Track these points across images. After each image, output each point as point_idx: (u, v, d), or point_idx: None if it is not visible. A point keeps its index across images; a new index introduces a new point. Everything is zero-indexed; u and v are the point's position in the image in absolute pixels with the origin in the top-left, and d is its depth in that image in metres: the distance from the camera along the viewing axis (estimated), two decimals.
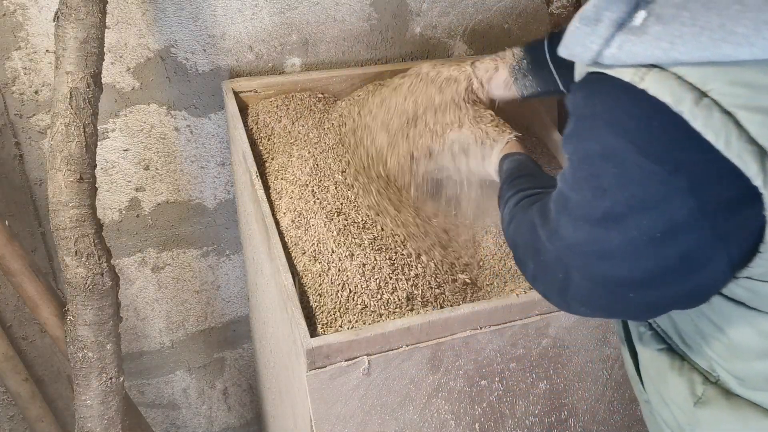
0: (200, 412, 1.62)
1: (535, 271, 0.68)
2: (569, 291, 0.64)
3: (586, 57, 0.54)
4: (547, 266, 0.65)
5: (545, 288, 0.68)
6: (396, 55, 1.32)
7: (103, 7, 0.93)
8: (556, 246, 0.63)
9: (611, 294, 0.61)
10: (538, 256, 0.66)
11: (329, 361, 0.84)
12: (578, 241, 0.60)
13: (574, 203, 0.59)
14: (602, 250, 0.58)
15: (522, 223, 0.73)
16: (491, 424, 0.95)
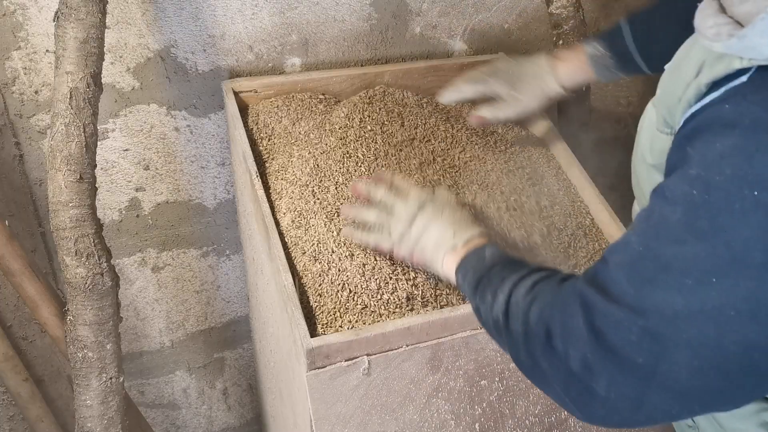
0: (200, 412, 1.62)
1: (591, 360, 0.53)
2: (655, 379, 0.50)
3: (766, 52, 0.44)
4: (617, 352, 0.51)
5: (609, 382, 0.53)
6: (396, 55, 1.32)
7: (103, 7, 0.92)
8: (644, 323, 0.49)
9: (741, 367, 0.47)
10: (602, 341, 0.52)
11: (329, 361, 0.84)
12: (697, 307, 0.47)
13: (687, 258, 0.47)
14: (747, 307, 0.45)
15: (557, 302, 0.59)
16: (491, 424, 0.95)
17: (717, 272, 0.46)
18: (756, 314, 0.45)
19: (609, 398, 0.53)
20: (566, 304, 0.58)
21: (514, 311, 0.65)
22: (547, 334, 0.59)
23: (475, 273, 0.75)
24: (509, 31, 1.39)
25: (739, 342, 0.46)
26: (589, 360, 0.54)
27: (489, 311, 0.70)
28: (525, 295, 0.65)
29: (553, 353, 0.58)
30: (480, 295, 0.73)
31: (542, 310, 0.61)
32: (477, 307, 0.74)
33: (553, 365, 0.58)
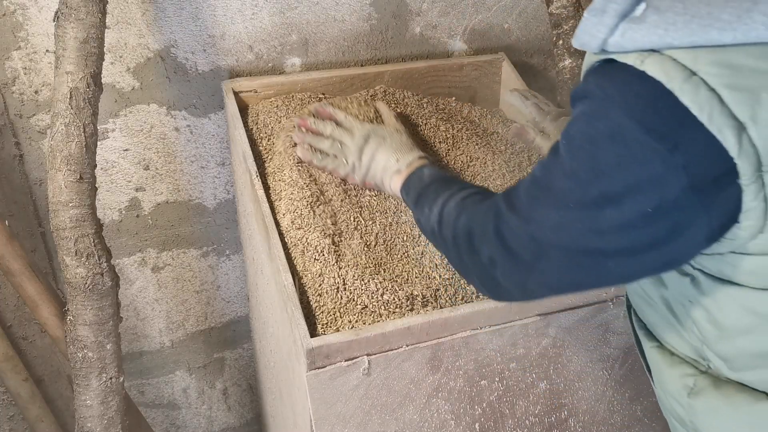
0: (200, 412, 1.62)
1: (494, 255, 0.71)
2: (534, 272, 0.67)
3: (593, 45, 0.60)
4: (512, 250, 0.68)
5: (503, 271, 0.70)
6: (396, 55, 1.32)
7: (103, 7, 0.93)
8: (528, 230, 0.66)
9: (591, 267, 0.65)
10: (503, 241, 0.69)
11: (329, 361, 0.84)
12: (562, 223, 0.63)
13: (560, 190, 0.63)
14: (593, 228, 0.62)
15: (478, 213, 0.76)
16: (491, 424, 0.95)
17: (573, 200, 0.62)
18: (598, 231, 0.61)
19: (504, 283, 0.72)
20: (485, 213, 0.74)
21: (445, 220, 0.81)
22: (469, 235, 0.75)
23: (415, 190, 0.90)
24: (509, 31, 1.39)
25: (584, 247, 0.63)
26: (493, 255, 0.71)
27: (427, 221, 0.85)
28: (455, 207, 0.81)
29: (472, 251, 0.75)
30: (419, 209, 0.88)
31: (468, 218, 0.77)
32: (418, 219, 0.89)
33: (472, 260, 0.75)
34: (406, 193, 0.92)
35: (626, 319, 0.98)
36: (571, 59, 1.21)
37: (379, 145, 0.99)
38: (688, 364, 0.73)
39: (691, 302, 0.69)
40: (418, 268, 0.97)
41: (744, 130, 0.54)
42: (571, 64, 1.21)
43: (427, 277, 0.96)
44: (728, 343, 0.67)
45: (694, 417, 0.73)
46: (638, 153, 0.57)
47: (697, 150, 0.55)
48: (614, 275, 0.65)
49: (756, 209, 0.57)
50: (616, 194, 0.59)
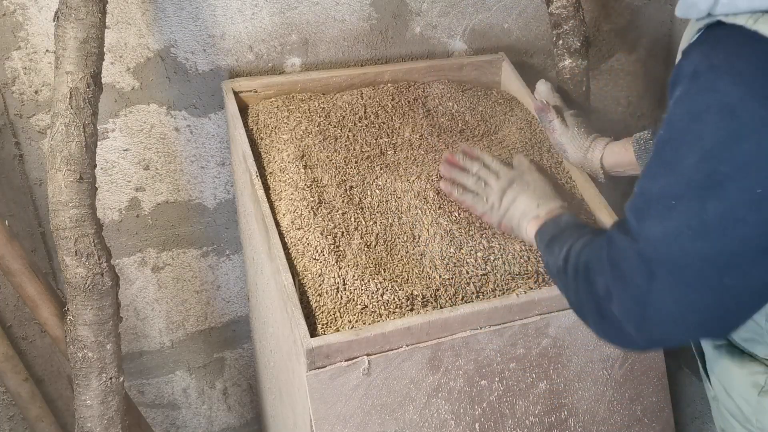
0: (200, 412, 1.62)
1: (609, 284, 0.65)
2: (650, 298, 0.60)
3: (703, 6, 0.55)
4: (623, 275, 0.62)
5: (618, 302, 0.63)
6: (396, 55, 1.32)
7: (103, 7, 0.92)
8: (637, 248, 0.60)
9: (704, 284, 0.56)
10: (614, 266, 0.64)
11: (329, 361, 0.84)
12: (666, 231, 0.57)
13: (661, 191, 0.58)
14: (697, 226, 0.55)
15: (596, 245, 0.72)
16: (491, 424, 0.95)
17: (677, 196, 0.56)
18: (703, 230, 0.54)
19: (620, 318, 0.64)
20: (601, 243, 0.70)
21: (571, 258, 0.78)
22: (586, 269, 0.72)
23: (549, 234, 0.89)
24: (509, 31, 1.39)
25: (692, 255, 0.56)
26: (609, 284, 0.65)
27: (555, 262, 0.82)
28: (582, 245, 0.78)
29: (588, 283, 0.70)
30: (550, 250, 0.85)
31: (588, 252, 0.74)
32: (547, 261, 0.86)
33: (588, 295, 0.70)
34: (540, 238, 0.90)
35: None
36: (571, 59, 1.21)
37: (522, 190, 0.99)
38: (759, 362, 0.71)
39: None
40: (418, 268, 0.97)
41: None
42: (571, 64, 1.21)
43: (427, 277, 0.96)
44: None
45: (761, 415, 0.71)
46: (749, 125, 0.51)
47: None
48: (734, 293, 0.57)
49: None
50: (724, 176, 0.53)
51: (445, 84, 1.28)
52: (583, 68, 1.21)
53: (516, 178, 1.01)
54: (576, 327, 0.97)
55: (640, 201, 0.61)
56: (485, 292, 0.96)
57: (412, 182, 1.08)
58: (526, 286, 0.97)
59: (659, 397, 1.04)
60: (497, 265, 0.99)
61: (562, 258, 0.80)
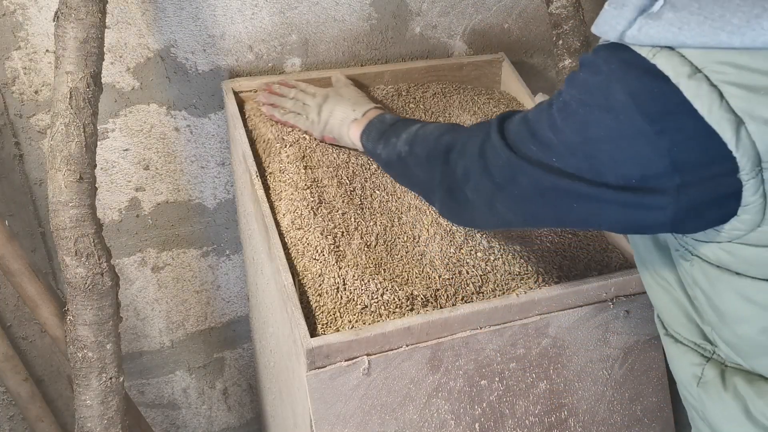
0: (200, 412, 1.62)
1: (470, 169, 0.76)
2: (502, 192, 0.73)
3: (612, 35, 0.63)
4: (488, 169, 0.74)
5: (474, 186, 0.76)
6: (396, 55, 1.32)
7: (103, 7, 0.92)
8: (509, 156, 0.71)
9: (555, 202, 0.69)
10: (483, 158, 0.75)
11: (329, 361, 0.84)
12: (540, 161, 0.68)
13: (545, 140, 0.68)
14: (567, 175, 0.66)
15: (466, 132, 0.81)
16: (491, 424, 0.95)
17: (556, 154, 0.67)
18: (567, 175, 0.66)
19: (473, 201, 0.77)
20: (473, 132, 0.80)
21: (420, 141, 0.87)
22: (448, 150, 0.81)
23: (377, 130, 0.97)
24: (509, 31, 1.39)
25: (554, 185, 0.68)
26: (469, 169, 0.77)
27: (392, 150, 0.91)
28: (435, 129, 0.86)
29: (446, 163, 0.81)
30: (384, 142, 0.94)
31: (451, 137, 0.82)
32: (379, 153, 0.95)
33: (443, 174, 0.81)
34: (367, 136, 0.98)
35: (626, 318, 0.98)
36: (571, 59, 1.21)
37: (338, 101, 1.07)
38: (696, 353, 0.75)
39: (696, 285, 0.71)
40: (418, 268, 0.97)
41: (742, 124, 0.56)
42: (571, 64, 1.21)
43: (427, 277, 0.96)
44: (729, 330, 0.69)
45: (703, 407, 0.74)
46: (627, 129, 0.61)
47: (688, 138, 0.58)
48: (574, 216, 0.70)
49: (755, 204, 0.59)
50: (600, 164, 0.64)
51: (445, 84, 1.28)
52: None
53: (330, 93, 1.10)
54: (576, 327, 0.97)
55: (525, 128, 0.71)
56: (485, 292, 0.96)
57: None
58: (526, 286, 0.97)
59: (659, 397, 1.04)
60: (497, 265, 0.99)
61: (404, 143, 0.89)
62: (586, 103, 0.64)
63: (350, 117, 1.04)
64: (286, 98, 1.13)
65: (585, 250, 1.05)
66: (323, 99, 1.09)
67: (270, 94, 1.15)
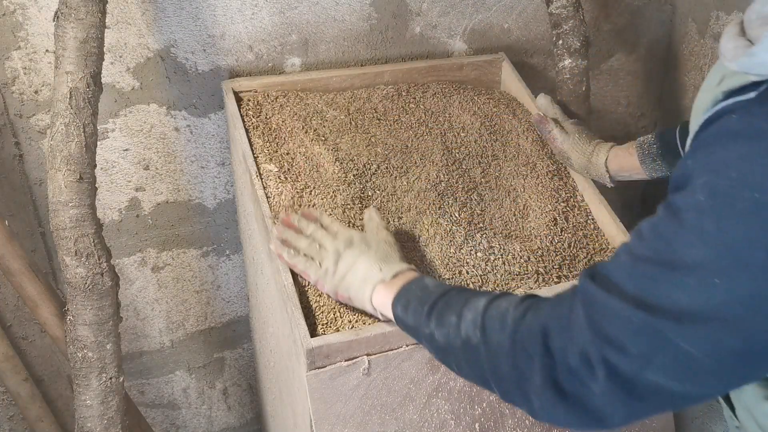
0: (200, 412, 1.62)
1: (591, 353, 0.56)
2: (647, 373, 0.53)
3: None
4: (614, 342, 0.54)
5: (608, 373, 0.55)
6: (396, 55, 1.32)
7: (103, 7, 0.92)
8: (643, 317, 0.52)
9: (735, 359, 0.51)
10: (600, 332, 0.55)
11: (329, 361, 0.84)
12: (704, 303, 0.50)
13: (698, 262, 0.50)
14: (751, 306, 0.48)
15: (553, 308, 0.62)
16: (491, 424, 0.95)
17: (720, 273, 0.48)
18: (758, 312, 0.48)
19: (605, 391, 0.55)
20: (564, 304, 0.60)
21: (495, 324, 0.66)
22: (544, 335, 0.60)
23: (422, 301, 0.75)
24: (509, 31, 1.39)
25: (738, 338, 0.49)
26: (588, 352, 0.55)
27: (455, 332, 0.70)
28: (515, 306, 0.66)
29: (548, 354, 0.59)
30: (437, 320, 0.72)
31: (538, 317, 0.62)
32: (431, 334, 0.73)
33: (548, 366, 0.59)
34: (404, 307, 0.77)
35: None
36: (571, 59, 1.21)
37: (362, 252, 0.86)
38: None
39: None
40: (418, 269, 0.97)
41: None
42: (571, 64, 1.21)
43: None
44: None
45: None
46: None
47: None
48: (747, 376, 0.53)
49: None
50: None
51: (445, 84, 1.28)
52: (583, 68, 1.22)
53: (355, 239, 0.88)
54: None
55: (649, 267, 0.53)
56: None
57: (412, 183, 1.08)
58: (526, 286, 0.97)
59: None
60: (497, 265, 0.99)
61: (471, 326, 0.68)
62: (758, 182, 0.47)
63: (375, 277, 0.82)
64: (302, 237, 0.91)
65: (585, 250, 1.05)
66: (345, 244, 0.87)
67: (285, 229, 0.92)
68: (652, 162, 0.99)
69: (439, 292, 0.75)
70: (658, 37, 1.56)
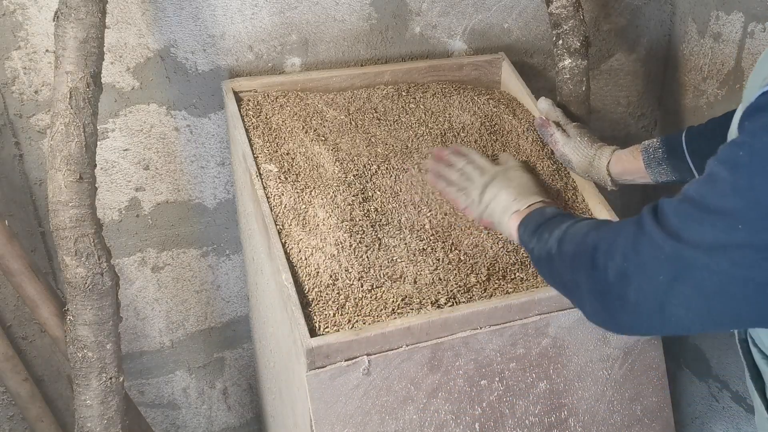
0: (200, 412, 1.62)
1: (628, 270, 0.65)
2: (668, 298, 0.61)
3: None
4: (646, 266, 0.63)
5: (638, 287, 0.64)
6: (396, 55, 1.32)
7: (103, 6, 0.92)
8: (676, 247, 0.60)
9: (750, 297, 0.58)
10: (639, 255, 0.64)
11: (329, 360, 0.84)
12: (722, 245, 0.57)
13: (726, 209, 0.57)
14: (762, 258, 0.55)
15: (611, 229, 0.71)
16: (491, 424, 0.95)
17: (745, 221, 0.56)
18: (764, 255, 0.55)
19: (637, 304, 0.64)
20: (620, 228, 0.69)
21: (568, 239, 0.77)
22: (594, 249, 0.70)
23: (535, 222, 0.88)
24: (509, 31, 1.39)
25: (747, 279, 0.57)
26: (624, 270, 0.65)
27: (543, 246, 0.82)
28: (584, 226, 0.76)
29: (594, 266, 0.69)
30: (538, 237, 0.84)
31: (597, 235, 0.72)
32: (532, 248, 0.85)
33: (593, 277, 0.69)
34: (524, 228, 0.89)
35: None
36: (571, 59, 1.21)
37: (504, 186, 0.99)
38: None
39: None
40: (417, 268, 0.97)
41: None
42: (571, 64, 1.21)
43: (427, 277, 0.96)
44: None
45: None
46: None
47: None
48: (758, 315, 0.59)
49: None
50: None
51: (445, 84, 1.28)
52: (583, 68, 1.22)
53: (499, 174, 1.02)
54: (576, 327, 0.97)
55: (692, 207, 0.61)
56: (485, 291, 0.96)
57: (412, 183, 1.08)
58: (526, 286, 0.97)
59: (659, 397, 1.04)
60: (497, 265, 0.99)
61: (555, 240, 0.79)
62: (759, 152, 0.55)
63: (513, 207, 0.95)
64: (453, 169, 1.05)
65: None
66: (490, 178, 1.01)
67: (438, 162, 1.08)
68: (658, 166, 1.01)
69: (549, 216, 0.87)
70: (658, 37, 1.56)
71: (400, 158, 1.11)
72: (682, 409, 1.50)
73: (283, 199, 1.02)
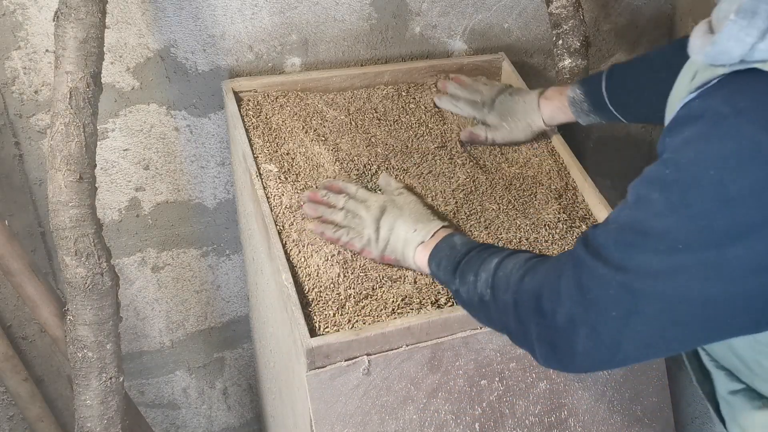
0: (200, 412, 1.62)
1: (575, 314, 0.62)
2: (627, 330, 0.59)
3: (737, 52, 0.52)
4: (597, 305, 0.60)
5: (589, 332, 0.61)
6: (396, 55, 1.32)
7: (103, 6, 0.92)
8: (622, 279, 0.58)
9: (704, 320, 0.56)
10: (586, 295, 0.61)
11: (329, 360, 0.84)
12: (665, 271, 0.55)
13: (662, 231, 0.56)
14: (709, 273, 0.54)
15: (548, 271, 0.68)
16: (491, 424, 0.95)
17: (684, 241, 0.54)
18: (717, 275, 0.54)
19: (591, 346, 0.62)
20: (556, 268, 0.66)
21: (502, 285, 0.73)
22: (537, 297, 0.67)
23: (449, 259, 0.83)
24: (509, 31, 1.39)
25: (700, 298, 0.55)
26: (573, 314, 0.62)
27: (472, 289, 0.78)
28: (518, 269, 0.73)
29: (541, 314, 0.66)
30: (460, 278, 0.80)
31: (534, 279, 0.69)
32: (457, 290, 0.81)
33: (541, 325, 0.66)
34: (437, 265, 0.85)
35: None
36: (571, 59, 1.21)
37: (397, 216, 0.93)
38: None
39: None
40: None
41: None
42: (570, 64, 1.21)
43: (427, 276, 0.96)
44: None
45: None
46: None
47: None
48: (729, 329, 0.57)
49: None
50: (749, 227, 0.51)
51: None
52: (583, 68, 1.22)
53: (387, 205, 0.95)
54: None
55: (630, 234, 0.58)
56: None
57: (412, 183, 1.08)
58: None
59: (659, 397, 1.04)
60: None
61: (485, 285, 0.75)
62: (714, 160, 0.52)
63: (416, 239, 0.89)
64: (336, 210, 0.97)
65: None
66: (380, 211, 0.94)
67: (316, 205, 0.98)
68: (587, 116, 1.06)
69: (463, 251, 0.82)
70: (658, 37, 1.56)
71: (400, 158, 1.11)
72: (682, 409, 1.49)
73: (283, 199, 1.02)
